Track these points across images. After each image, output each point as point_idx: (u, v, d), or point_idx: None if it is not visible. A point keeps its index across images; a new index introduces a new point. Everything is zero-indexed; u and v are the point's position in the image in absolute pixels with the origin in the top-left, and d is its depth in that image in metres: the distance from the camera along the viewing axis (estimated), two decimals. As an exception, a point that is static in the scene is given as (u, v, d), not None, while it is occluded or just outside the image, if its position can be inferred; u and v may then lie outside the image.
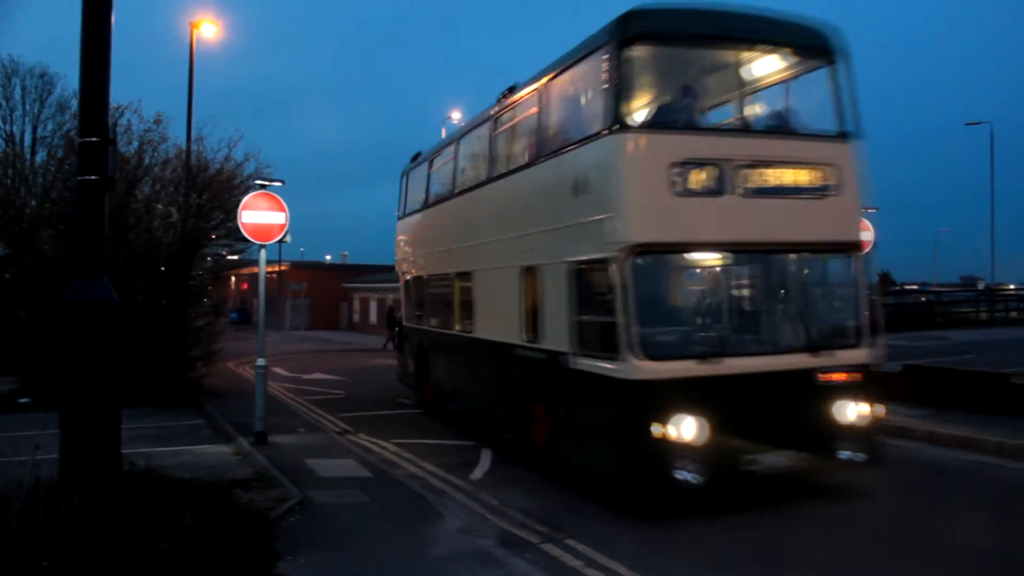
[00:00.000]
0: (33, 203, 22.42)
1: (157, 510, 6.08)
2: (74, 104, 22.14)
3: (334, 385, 19.57)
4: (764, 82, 8.59)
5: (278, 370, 22.58)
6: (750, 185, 7.59)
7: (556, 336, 8.36)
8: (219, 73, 44.51)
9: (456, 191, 12.40)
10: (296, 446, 11.16)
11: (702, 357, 7.26)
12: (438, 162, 13.84)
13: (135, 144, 16.78)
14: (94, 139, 5.63)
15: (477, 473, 9.47)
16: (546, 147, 9.01)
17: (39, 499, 5.00)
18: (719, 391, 7.23)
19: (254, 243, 11.59)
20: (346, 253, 70.79)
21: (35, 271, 16.42)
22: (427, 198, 14.28)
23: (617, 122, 7.33)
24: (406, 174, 15.98)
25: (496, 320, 10.45)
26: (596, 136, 7.70)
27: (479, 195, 11.28)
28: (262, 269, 11.76)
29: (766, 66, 8.43)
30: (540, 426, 9.01)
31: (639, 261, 7.21)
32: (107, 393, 5.63)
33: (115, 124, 6.03)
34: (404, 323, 16.00)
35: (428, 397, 14.06)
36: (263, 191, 11.64)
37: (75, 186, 5.84)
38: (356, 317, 51.29)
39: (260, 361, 11.51)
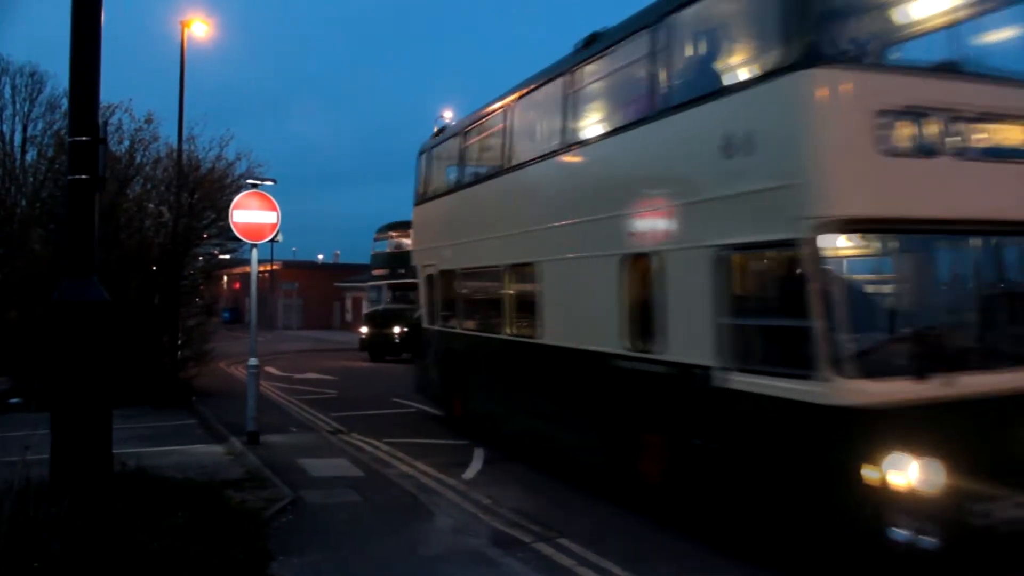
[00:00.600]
0: (23, 203, 22.30)
1: (149, 510, 6.06)
2: (64, 103, 22.10)
3: (326, 385, 19.55)
4: (973, 12, 6.69)
5: (270, 370, 22.55)
6: (975, 144, 5.81)
7: (688, 344, 6.63)
8: (210, 72, 44.38)
9: (508, 166, 10.33)
10: (288, 446, 11.13)
11: (928, 373, 5.39)
12: (477, 135, 11.73)
13: (126, 143, 16.78)
14: (84, 138, 5.59)
15: (470, 472, 9.47)
16: (669, 99, 7.07)
17: (30, 500, 4.97)
18: (950, 419, 5.37)
19: (246, 242, 11.57)
20: (338, 252, 70.78)
21: (26, 271, 16.35)
22: (461, 177, 12.21)
23: (807, 56, 5.51)
24: (426, 152, 13.79)
25: (577, 322, 8.61)
26: (769, 76, 5.92)
27: (547, 169, 9.28)
28: (254, 268, 11.72)
29: None
30: (653, 459, 7.17)
31: (842, 243, 5.56)
32: (98, 393, 5.60)
33: (106, 123, 5.99)
34: (426, 325, 13.67)
35: (459, 412, 12.04)
36: (255, 190, 11.62)
37: (65, 185, 5.81)
38: (348, 316, 51.21)
39: (252, 361, 11.49)
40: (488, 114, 11.26)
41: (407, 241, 28.36)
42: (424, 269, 13.69)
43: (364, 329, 29.05)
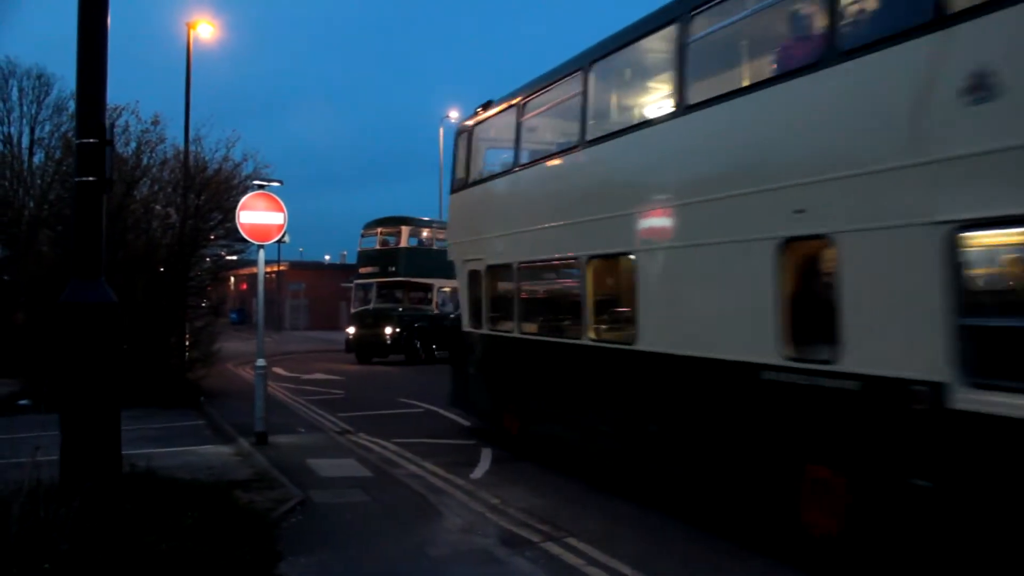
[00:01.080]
0: (31, 205, 22.43)
1: (158, 511, 6.07)
2: (71, 105, 22.18)
3: (334, 385, 19.58)
4: None
5: (278, 370, 22.58)
6: None
7: (890, 351, 5.23)
8: (217, 73, 44.65)
9: (589, 139, 8.83)
10: (296, 446, 11.15)
11: None
12: (538, 106, 10.28)
13: (133, 145, 16.83)
14: (92, 140, 5.61)
15: (478, 472, 9.47)
16: (872, 31, 5.49)
17: (39, 501, 4.99)
18: None
19: (253, 243, 11.59)
20: (345, 252, 70.74)
21: (34, 272, 16.42)
22: (517, 157, 10.67)
23: None
24: (468, 132, 12.15)
25: (696, 325, 7.17)
26: None
27: (651, 140, 7.85)
28: (261, 269, 11.75)
29: None
30: (821, 502, 5.76)
31: None
32: (107, 394, 5.62)
33: (113, 125, 6.02)
34: (468, 328, 12.05)
35: (514, 430, 10.52)
36: (261, 191, 11.64)
37: (73, 187, 5.83)
38: (355, 317, 51.24)
39: (260, 361, 11.51)
40: (555, 81, 9.74)
41: (394, 238, 28.10)
42: (466, 264, 12.04)
43: (351, 329, 27.69)
